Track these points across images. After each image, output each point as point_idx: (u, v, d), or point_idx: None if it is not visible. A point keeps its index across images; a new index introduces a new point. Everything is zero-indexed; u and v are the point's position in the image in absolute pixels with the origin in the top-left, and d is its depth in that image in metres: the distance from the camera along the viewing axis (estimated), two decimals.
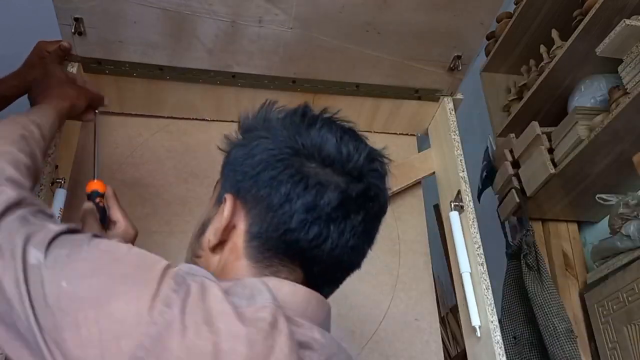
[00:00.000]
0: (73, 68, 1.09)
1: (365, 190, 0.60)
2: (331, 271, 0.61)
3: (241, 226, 0.60)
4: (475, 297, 1.03)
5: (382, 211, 0.64)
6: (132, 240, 0.85)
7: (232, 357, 0.47)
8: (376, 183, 0.62)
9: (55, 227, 0.54)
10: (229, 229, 0.61)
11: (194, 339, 0.46)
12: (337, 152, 0.59)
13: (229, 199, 0.61)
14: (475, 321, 1.01)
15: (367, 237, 0.63)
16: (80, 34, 1.03)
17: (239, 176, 0.61)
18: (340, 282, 0.65)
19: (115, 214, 0.85)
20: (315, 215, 0.57)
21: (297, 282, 0.59)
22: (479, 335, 1.01)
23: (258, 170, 0.59)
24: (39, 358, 0.48)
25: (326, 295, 0.63)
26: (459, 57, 1.15)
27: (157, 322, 0.46)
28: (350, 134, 0.63)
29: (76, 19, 1.01)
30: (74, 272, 0.50)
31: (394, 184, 1.22)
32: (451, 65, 1.17)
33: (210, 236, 0.62)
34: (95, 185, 0.86)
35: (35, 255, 0.51)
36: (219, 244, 0.61)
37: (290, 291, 0.57)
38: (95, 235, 0.55)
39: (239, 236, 0.60)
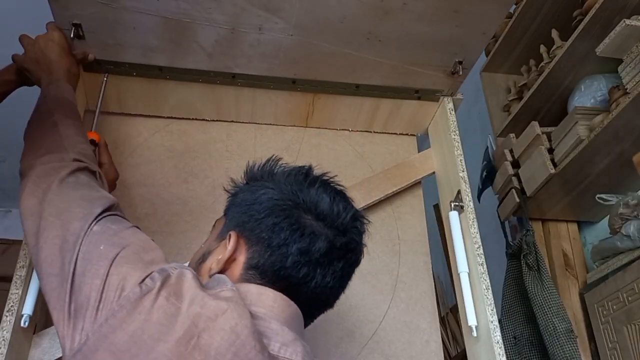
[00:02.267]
0: None
1: (347, 243, 0.72)
2: (309, 306, 0.72)
3: (241, 259, 0.71)
4: (475, 297, 1.04)
5: (357, 262, 0.76)
6: (113, 181, 1.03)
7: (187, 315, 0.60)
8: (356, 239, 0.74)
9: (109, 205, 0.73)
10: (230, 260, 0.71)
11: (162, 302, 0.60)
12: (330, 209, 0.72)
13: (233, 236, 0.72)
14: (472, 321, 1.01)
15: (343, 281, 0.74)
16: (79, 38, 1.03)
17: (245, 217, 0.73)
18: (314, 318, 0.76)
19: (104, 158, 1.03)
20: (307, 258, 0.69)
21: None
22: (475, 335, 1.01)
23: (263, 216, 0.71)
24: (61, 293, 0.65)
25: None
26: (460, 62, 1.15)
27: (142, 287, 0.61)
28: (342, 196, 0.76)
29: (75, 25, 1.01)
30: (112, 242, 0.67)
31: (393, 184, 1.23)
32: (452, 70, 1.17)
33: (213, 265, 0.72)
34: (92, 135, 1.04)
35: (97, 223, 0.69)
36: (220, 271, 0.71)
37: (257, 292, 0.68)
38: (138, 228, 0.73)
39: (237, 266, 0.71)
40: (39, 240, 0.70)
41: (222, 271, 0.71)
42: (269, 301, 0.68)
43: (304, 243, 0.69)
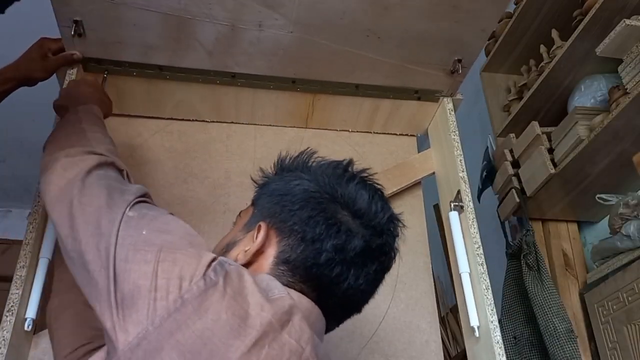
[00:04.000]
0: (73, 69, 1.10)
1: (382, 245, 0.70)
2: (339, 308, 0.70)
3: (270, 251, 0.68)
4: (475, 297, 1.03)
5: (389, 267, 0.73)
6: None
7: (257, 320, 0.57)
8: (390, 242, 0.71)
9: (141, 193, 0.70)
10: (258, 253, 0.68)
11: (230, 301, 0.57)
12: (368, 208, 0.69)
13: (263, 227, 0.69)
14: (474, 322, 1.01)
15: (374, 285, 0.71)
16: (80, 35, 1.03)
17: (277, 208, 0.69)
18: (340, 322, 0.73)
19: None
20: (342, 257, 0.66)
21: None
22: (477, 335, 1.01)
23: (297, 207, 0.67)
24: (97, 281, 0.60)
25: (326, 331, 0.70)
26: (459, 60, 1.15)
27: (207, 280, 0.57)
28: (380, 195, 0.72)
29: (75, 22, 1.01)
30: (154, 227, 0.63)
31: (393, 184, 1.23)
32: (451, 69, 1.17)
33: (239, 256, 0.69)
34: None
35: (130, 209, 0.65)
36: (246, 264, 0.68)
37: (297, 296, 0.65)
38: (172, 214, 0.69)
39: (266, 260, 0.68)
40: (73, 229, 0.66)
41: (248, 263, 0.68)
42: (306, 310, 0.65)
43: (339, 240, 0.65)
